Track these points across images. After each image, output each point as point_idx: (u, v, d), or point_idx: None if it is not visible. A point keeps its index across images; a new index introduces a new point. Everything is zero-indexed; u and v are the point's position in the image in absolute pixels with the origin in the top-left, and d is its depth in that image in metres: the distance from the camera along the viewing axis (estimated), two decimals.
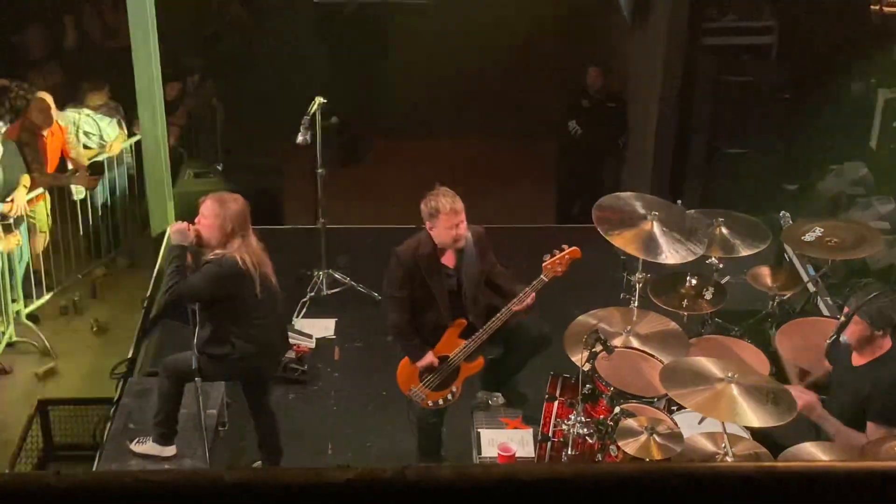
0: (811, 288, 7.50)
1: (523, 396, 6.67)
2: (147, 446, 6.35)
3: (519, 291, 6.05)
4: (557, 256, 5.96)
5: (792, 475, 1.20)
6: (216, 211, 5.82)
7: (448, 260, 6.20)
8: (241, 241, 5.82)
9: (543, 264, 5.97)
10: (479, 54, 10.80)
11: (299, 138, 7.63)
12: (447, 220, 6.03)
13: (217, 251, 5.82)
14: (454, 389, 6.32)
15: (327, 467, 0.95)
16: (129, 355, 7.48)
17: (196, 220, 5.90)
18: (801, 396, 5.51)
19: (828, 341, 5.90)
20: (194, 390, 6.04)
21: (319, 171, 8.03)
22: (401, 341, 6.32)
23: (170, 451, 6.34)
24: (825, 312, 7.51)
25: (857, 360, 5.72)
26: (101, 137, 9.14)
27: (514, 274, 6.39)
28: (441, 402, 6.34)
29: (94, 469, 6.23)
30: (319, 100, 7.68)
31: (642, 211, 6.54)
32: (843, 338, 5.69)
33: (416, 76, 11.01)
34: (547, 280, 5.97)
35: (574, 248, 5.96)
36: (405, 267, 6.14)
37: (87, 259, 9.31)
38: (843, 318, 5.86)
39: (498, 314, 6.08)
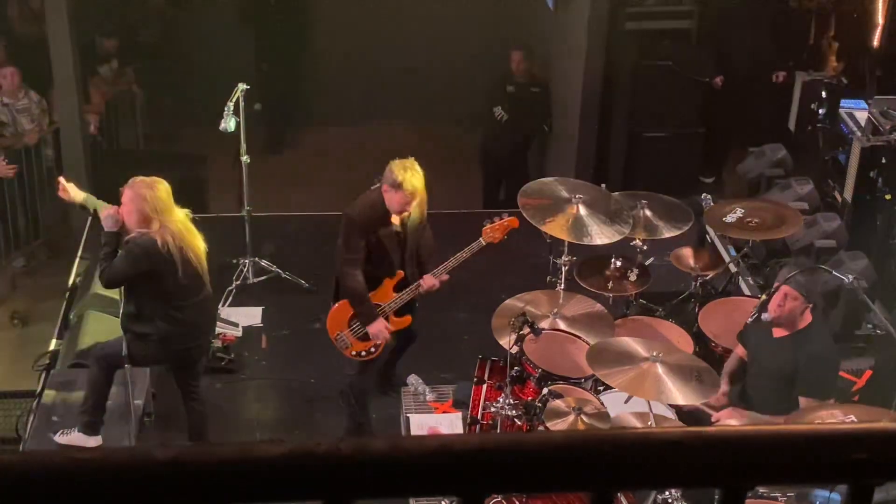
0: (732, 268, 7.63)
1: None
2: (72, 437, 6.27)
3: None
4: (497, 223, 6.30)
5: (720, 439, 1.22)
6: (130, 196, 5.83)
7: (395, 218, 6.27)
8: (161, 225, 5.78)
9: (483, 229, 6.25)
10: (404, 40, 10.77)
11: (222, 125, 7.55)
12: (403, 198, 6.07)
13: (137, 231, 5.82)
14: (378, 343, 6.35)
15: (259, 441, 0.95)
16: (51, 347, 7.34)
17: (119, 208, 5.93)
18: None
19: (749, 320, 6.01)
20: (122, 378, 6.00)
21: (244, 158, 7.95)
22: (356, 305, 6.32)
23: (95, 441, 6.26)
24: (746, 292, 7.65)
25: (778, 332, 5.83)
26: (16, 127, 8.95)
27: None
28: (364, 353, 6.37)
29: None
30: (242, 86, 7.59)
31: (567, 195, 6.60)
32: (765, 315, 5.80)
33: (340, 63, 10.95)
34: (484, 244, 6.25)
35: (513, 217, 6.31)
36: (360, 228, 6.20)
37: (5, 250, 9.11)
38: (764, 297, 5.98)
39: (445, 263, 6.27)
